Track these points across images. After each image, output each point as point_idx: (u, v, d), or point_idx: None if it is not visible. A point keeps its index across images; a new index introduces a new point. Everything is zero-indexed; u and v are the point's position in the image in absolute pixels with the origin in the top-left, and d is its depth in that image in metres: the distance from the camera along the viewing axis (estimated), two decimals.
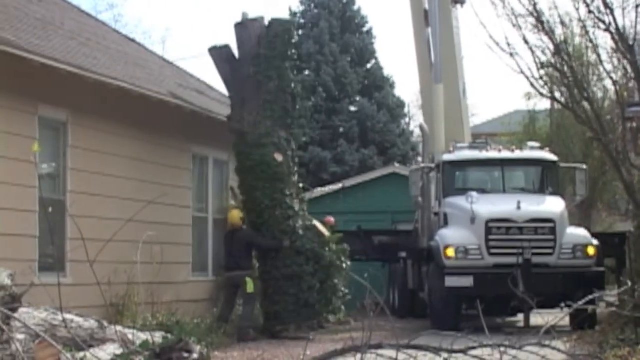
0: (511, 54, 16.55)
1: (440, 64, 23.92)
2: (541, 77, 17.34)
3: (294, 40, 19.58)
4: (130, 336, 10.70)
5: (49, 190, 15.64)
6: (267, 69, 18.62)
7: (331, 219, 20.40)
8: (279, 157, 18.44)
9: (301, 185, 19.34)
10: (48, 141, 15.61)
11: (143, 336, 10.72)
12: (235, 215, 18.70)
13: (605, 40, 17.93)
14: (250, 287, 18.06)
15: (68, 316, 10.65)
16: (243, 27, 18.98)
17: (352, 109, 39.69)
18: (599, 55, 18.72)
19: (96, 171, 16.57)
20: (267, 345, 16.56)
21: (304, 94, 20.26)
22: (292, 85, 19.01)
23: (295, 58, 20.69)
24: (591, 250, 19.01)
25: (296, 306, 18.16)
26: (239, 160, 18.88)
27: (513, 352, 9.86)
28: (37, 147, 12.11)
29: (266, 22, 19.08)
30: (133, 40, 24.30)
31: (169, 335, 11.35)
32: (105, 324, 11.37)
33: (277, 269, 18.26)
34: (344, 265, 18.92)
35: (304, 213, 18.82)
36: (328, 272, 18.47)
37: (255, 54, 18.70)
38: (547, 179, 20.97)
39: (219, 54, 19.14)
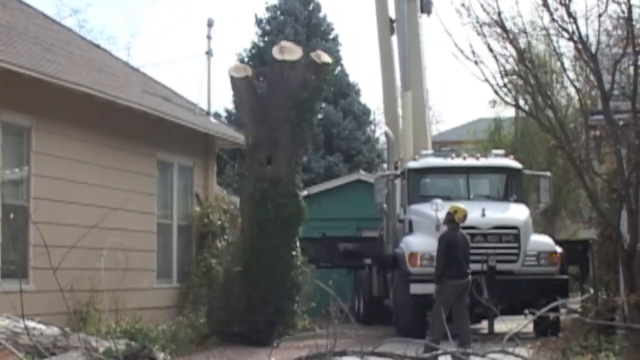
0: (475, 62, 16.56)
1: (409, 71, 24.03)
2: (505, 85, 17.37)
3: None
4: (93, 343, 10.64)
5: (11, 196, 15.52)
6: (309, 116, 18.38)
7: None
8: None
9: None
10: (12, 147, 15.50)
11: (106, 343, 10.68)
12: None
13: (568, 49, 18.04)
14: None
15: (30, 323, 10.57)
16: (291, 66, 17.92)
17: (318, 115, 39.67)
18: (562, 64, 18.83)
19: (60, 177, 16.46)
20: (232, 352, 16.51)
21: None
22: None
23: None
24: (555, 258, 19.15)
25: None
26: (261, 204, 17.88)
27: (477, 358, 9.92)
28: None
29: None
30: (98, 46, 24.18)
31: (133, 343, 11.29)
32: (68, 331, 11.29)
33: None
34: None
35: None
36: (288, 293, 18.09)
37: (299, 99, 18.06)
38: (511, 186, 21.09)
39: (246, 85, 18.32)
